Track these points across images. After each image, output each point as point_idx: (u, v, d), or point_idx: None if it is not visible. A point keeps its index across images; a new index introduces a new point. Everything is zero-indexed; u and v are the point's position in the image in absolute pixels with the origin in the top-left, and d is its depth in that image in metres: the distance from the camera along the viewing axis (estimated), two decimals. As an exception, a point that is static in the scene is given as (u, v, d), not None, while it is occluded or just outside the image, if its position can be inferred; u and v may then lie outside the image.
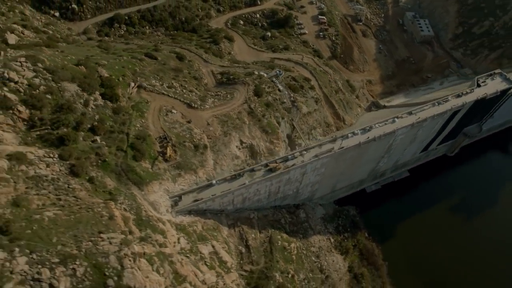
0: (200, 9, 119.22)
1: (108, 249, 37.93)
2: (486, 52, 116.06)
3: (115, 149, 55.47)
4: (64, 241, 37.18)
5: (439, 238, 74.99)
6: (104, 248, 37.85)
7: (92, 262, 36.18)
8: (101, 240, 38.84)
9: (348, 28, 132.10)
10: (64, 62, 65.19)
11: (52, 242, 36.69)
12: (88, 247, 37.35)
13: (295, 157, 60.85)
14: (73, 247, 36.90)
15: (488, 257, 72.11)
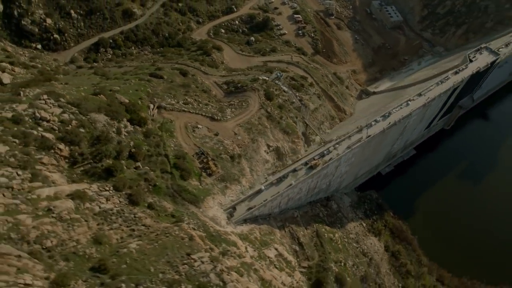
0: (181, 23, 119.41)
1: (204, 268, 38.82)
2: (453, 30, 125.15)
3: (160, 172, 55.70)
4: (162, 268, 37.65)
5: (454, 203, 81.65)
6: (201, 268, 38.71)
7: (196, 283, 36.99)
8: (193, 261, 39.62)
9: (323, 23, 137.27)
10: (82, 94, 64.07)
11: (151, 272, 37.07)
12: (186, 270, 38.06)
13: (330, 152, 63.87)
14: (172, 272, 37.49)
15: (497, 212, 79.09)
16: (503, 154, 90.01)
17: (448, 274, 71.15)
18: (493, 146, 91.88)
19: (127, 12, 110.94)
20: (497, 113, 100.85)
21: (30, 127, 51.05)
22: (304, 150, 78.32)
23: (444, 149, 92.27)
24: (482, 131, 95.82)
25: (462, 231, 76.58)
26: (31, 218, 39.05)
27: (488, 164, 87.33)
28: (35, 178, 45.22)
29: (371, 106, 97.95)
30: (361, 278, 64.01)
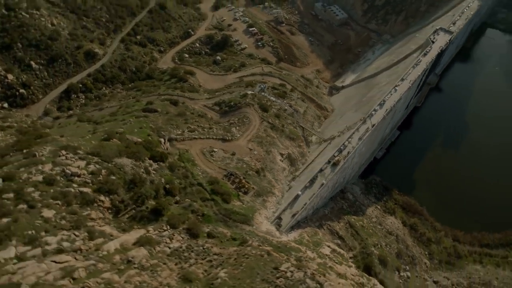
0: (144, 55, 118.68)
1: (298, 276, 40.71)
2: (394, 18, 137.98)
3: (201, 201, 56.26)
4: (262, 287, 38.96)
5: (443, 168, 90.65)
6: (295, 277, 40.55)
7: (297, 292, 38.89)
8: (284, 272, 41.32)
9: (276, 32, 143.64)
10: (92, 142, 62.45)
11: (252, 292, 38.28)
12: (284, 282, 39.70)
13: (345, 146, 68.33)
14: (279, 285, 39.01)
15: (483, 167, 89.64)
16: (470, 116, 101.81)
17: (460, 233, 78.89)
18: (459, 111, 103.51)
19: (89, 53, 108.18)
20: (452, 81, 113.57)
21: (65, 185, 49.36)
22: (307, 151, 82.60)
23: (420, 124, 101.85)
24: (446, 100, 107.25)
25: (459, 191, 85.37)
26: (116, 274, 38.31)
27: (461, 127, 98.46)
28: (93, 235, 44.12)
29: (348, 99, 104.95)
30: (396, 254, 69.06)
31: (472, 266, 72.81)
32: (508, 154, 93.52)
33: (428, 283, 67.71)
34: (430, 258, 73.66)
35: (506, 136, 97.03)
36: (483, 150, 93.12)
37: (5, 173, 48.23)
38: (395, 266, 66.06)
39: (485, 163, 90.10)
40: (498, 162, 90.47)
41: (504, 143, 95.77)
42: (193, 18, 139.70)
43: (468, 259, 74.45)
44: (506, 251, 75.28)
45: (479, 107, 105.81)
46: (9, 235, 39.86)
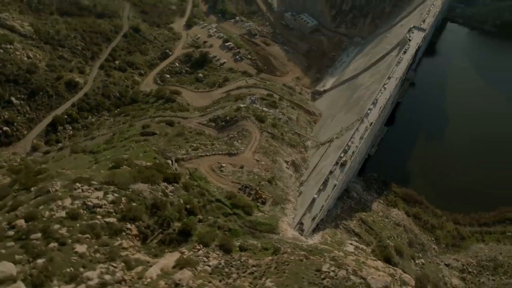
0: (125, 79, 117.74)
1: (342, 274, 42.13)
2: (362, 20, 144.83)
3: (224, 217, 56.74)
4: None
5: (433, 156, 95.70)
6: (339, 275, 41.97)
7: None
8: (327, 273, 42.61)
9: (252, 44, 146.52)
10: (101, 172, 61.50)
11: (305, 295, 39.35)
12: (331, 282, 40.94)
13: (349, 147, 71.05)
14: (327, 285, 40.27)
15: (467, 151, 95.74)
16: (446, 105, 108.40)
17: (460, 216, 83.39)
18: (434, 102, 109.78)
19: (70, 83, 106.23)
20: (425, 75, 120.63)
21: (90, 218, 48.44)
22: (307, 156, 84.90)
23: (403, 118, 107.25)
24: (421, 93, 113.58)
25: (449, 176, 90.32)
26: (168, 299, 38.22)
27: (440, 117, 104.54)
28: (130, 264, 43.65)
29: (334, 102, 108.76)
30: (408, 244, 72.08)
31: (476, 245, 77.14)
32: (483, 136, 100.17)
33: (441, 267, 71.11)
34: (437, 243, 77.36)
35: (479, 122, 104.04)
36: (463, 136, 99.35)
37: (26, 213, 46.70)
38: (410, 255, 69.00)
39: (466, 148, 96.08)
40: (477, 145, 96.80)
41: (479, 128, 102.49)
42: (168, 38, 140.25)
43: (471, 239, 78.83)
44: (503, 226, 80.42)
45: (452, 97, 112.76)
46: (49, 275, 38.71)
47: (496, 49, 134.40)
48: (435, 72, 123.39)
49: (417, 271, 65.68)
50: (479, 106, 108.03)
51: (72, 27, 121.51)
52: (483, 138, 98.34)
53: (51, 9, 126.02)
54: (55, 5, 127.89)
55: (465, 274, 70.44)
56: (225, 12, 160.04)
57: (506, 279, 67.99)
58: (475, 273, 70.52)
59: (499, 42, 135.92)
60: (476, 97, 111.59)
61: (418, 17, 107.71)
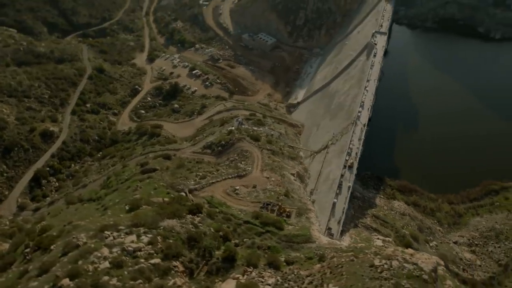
0: (101, 121, 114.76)
1: (395, 264, 44.71)
2: (317, 33, 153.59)
3: (258, 236, 57.47)
4: (376, 284, 42.23)
5: (415, 145, 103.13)
6: (393, 265, 44.55)
7: (405, 276, 43.02)
8: (383, 265, 44.95)
9: (217, 69, 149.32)
10: (121, 216, 59.81)
11: (373, 291, 41.41)
12: (389, 273, 43.42)
13: (351, 149, 74.93)
14: (382, 280, 42.53)
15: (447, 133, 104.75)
16: (415, 98, 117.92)
17: (451, 195, 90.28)
18: (404, 97, 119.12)
19: (45, 133, 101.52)
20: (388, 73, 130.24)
21: (134, 263, 47.04)
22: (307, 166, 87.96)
23: (380, 115, 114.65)
24: (389, 90, 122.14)
25: (432, 161, 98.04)
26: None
27: (409, 108, 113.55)
28: (190, 301, 43.17)
29: (312, 112, 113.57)
30: (419, 230, 76.83)
31: (473, 219, 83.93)
32: (452, 120, 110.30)
33: (451, 245, 76.47)
34: (440, 225, 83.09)
35: (445, 109, 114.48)
36: (435, 124, 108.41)
37: (68, 272, 44.38)
38: (424, 239, 73.63)
39: (441, 134, 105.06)
40: (449, 130, 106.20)
41: (447, 114, 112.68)
42: (134, 74, 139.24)
43: (467, 215, 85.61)
44: (490, 198, 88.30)
45: (415, 90, 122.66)
46: (120, 327, 37.35)
47: (438, 42, 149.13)
48: (395, 70, 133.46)
49: (434, 252, 70.15)
50: (441, 95, 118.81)
51: (33, 76, 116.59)
52: (453, 123, 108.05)
53: (6, 60, 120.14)
54: (9, 56, 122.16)
55: (473, 247, 76.37)
56: (184, 41, 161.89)
57: (509, 243, 74.76)
58: (481, 244, 76.70)
59: (440, 36, 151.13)
60: (435, 87, 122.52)
61: (374, 22, 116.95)
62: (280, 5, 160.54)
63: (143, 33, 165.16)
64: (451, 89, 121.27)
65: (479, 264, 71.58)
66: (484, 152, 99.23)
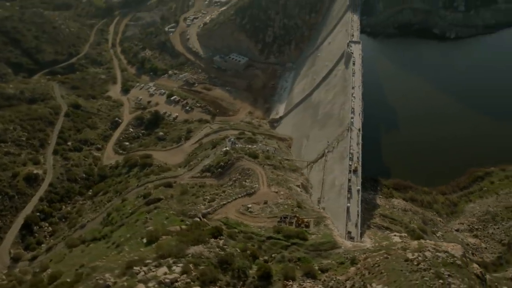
0: (85, 158, 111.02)
1: (428, 255, 46.74)
2: (287, 47, 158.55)
3: (283, 249, 57.84)
4: (417, 276, 43.97)
5: (401, 143, 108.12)
6: (427, 256, 46.56)
7: (439, 262, 45.24)
8: (416, 258, 47.00)
9: (194, 93, 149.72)
10: (141, 250, 58.07)
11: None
12: (426, 264, 45.31)
13: (352, 154, 77.53)
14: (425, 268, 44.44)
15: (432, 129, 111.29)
16: (391, 99, 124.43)
17: (443, 187, 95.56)
18: (382, 99, 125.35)
19: (30, 177, 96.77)
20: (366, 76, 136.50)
21: (173, 294, 45.92)
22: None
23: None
24: (370, 94, 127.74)
25: (420, 156, 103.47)
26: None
27: (389, 109, 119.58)
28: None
29: (298, 124, 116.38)
30: (423, 223, 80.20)
31: (467, 206, 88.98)
32: (429, 117, 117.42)
33: (454, 233, 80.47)
34: (439, 216, 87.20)
35: (421, 106, 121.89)
36: (414, 123, 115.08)
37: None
38: (430, 231, 77.01)
39: (422, 130, 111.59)
40: (430, 126, 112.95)
41: (423, 110, 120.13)
42: (111, 107, 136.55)
43: (461, 203, 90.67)
44: (478, 184, 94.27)
45: (390, 92, 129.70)
46: None
47: (402, 46, 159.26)
48: (368, 76, 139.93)
49: (443, 242, 73.44)
50: (414, 95, 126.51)
51: (7, 119, 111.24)
52: (430, 120, 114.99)
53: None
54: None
55: (475, 232, 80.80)
56: (155, 69, 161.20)
57: (506, 223, 79.85)
58: (481, 228, 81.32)
59: (402, 40, 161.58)
60: (408, 89, 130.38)
61: (344, 33, 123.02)
62: (247, 25, 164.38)
63: (112, 65, 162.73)
64: (423, 89, 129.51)
65: (484, 246, 75.75)
66: (463, 143, 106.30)
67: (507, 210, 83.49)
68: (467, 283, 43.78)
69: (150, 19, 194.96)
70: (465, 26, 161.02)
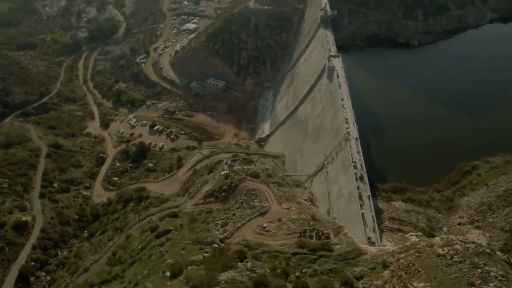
0: (75, 198, 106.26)
1: (458, 247, 48.68)
2: (263, 68, 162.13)
3: (312, 262, 57.86)
4: (455, 269, 45.45)
5: (390, 146, 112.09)
6: (458, 248, 48.42)
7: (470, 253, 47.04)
8: (448, 251, 48.70)
9: (176, 121, 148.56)
10: (168, 284, 55.99)
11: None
12: (459, 256, 46.90)
13: (355, 162, 79.44)
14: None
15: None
16: (377, 107, 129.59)
17: (436, 184, 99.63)
18: (367, 106, 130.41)
19: (19, 225, 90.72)
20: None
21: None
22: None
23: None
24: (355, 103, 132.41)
25: (409, 158, 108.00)
26: None
27: (373, 115, 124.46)
28: None
29: (288, 140, 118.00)
30: (428, 221, 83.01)
31: (463, 199, 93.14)
32: (412, 121, 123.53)
33: (458, 227, 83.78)
34: (439, 213, 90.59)
35: (402, 111, 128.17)
36: (401, 125, 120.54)
37: None
38: (437, 228, 79.74)
39: (409, 133, 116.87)
40: (415, 129, 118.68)
41: (405, 115, 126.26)
42: (93, 143, 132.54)
43: (456, 198, 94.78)
44: (467, 178, 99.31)
45: (371, 102, 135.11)
46: None
47: (372, 56, 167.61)
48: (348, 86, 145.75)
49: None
50: (393, 101, 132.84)
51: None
52: (414, 123, 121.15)
53: None
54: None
55: (476, 223, 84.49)
56: (133, 101, 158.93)
57: (502, 211, 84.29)
58: (481, 219, 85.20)
59: (371, 51, 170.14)
60: (387, 96, 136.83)
61: (320, 48, 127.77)
62: (221, 49, 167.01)
63: (87, 100, 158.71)
64: (400, 95, 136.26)
65: (489, 235, 79.27)
66: (446, 141, 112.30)
67: (499, 199, 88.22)
68: (502, 269, 45.79)
69: (119, 52, 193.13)
70: (426, 33, 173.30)
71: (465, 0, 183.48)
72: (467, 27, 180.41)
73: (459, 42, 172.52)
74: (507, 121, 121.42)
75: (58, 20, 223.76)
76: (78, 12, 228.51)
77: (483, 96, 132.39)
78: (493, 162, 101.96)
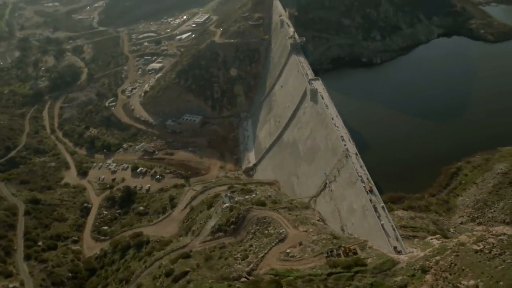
0: (65, 254, 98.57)
1: (491, 241, 50.49)
2: (238, 99, 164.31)
3: (353, 278, 57.29)
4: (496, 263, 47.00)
5: (380, 157, 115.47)
6: (492, 242, 50.01)
7: None
8: (484, 246, 50.19)
9: (158, 160, 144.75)
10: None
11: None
12: (495, 250, 48.41)
13: (361, 175, 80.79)
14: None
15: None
16: (358, 124, 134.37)
17: (430, 189, 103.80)
18: (351, 124, 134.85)
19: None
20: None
21: None
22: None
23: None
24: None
25: (400, 166, 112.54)
26: None
27: (360, 135, 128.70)
28: None
29: (279, 166, 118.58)
30: (434, 224, 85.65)
31: (458, 200, 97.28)
32: (393, 132, 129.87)
33: (462, 226, 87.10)
34: (440, 215, 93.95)
35: (382, 126, 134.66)
36: (384, 139, 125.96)
37: None
38: (446, 230, 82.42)
39: (392, 144, 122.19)
40: (394, 140, 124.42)
41: (390, 129, 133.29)
42: (73, 194, 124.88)
43: (451, 199, 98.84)
44: (456, 179, 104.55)
45: (353, 118, 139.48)
46: None
47: (339, 77, 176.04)
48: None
49: (460, 237, 79.05)
50: (374, 117, 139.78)
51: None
52: (395, 135, 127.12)
53: None
54: None
55: (477, 220, 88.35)
56: (108, 145, 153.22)
57: (498, 205, 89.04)
58: (480, 215, 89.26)
59: (339, 72, 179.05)
60: (366, 112, 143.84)
61: (296, 74, 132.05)
62: (193, 85, 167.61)
63: (58, 150, 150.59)
64: (374, 110, 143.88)
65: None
66: (427, 148, 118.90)
67: (491, 194, 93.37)
68: (538, 257, 47.99)
69: (85, 97, 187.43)
70: (385, 51, 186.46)
71: (413, 20, 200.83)
72: (419, 43, 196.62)
73: (415, 56, 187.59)
74: (473, 124, 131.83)
75: (13, 72, 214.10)
76: (34, 62, 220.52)
77: (446, 104, 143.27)
78: (474, 162, 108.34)
